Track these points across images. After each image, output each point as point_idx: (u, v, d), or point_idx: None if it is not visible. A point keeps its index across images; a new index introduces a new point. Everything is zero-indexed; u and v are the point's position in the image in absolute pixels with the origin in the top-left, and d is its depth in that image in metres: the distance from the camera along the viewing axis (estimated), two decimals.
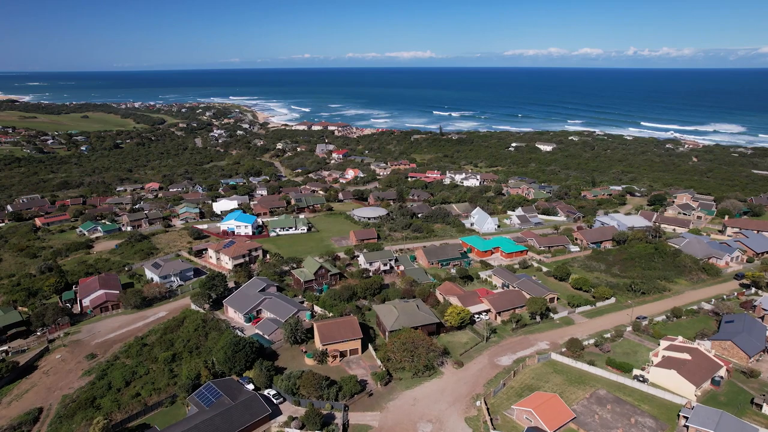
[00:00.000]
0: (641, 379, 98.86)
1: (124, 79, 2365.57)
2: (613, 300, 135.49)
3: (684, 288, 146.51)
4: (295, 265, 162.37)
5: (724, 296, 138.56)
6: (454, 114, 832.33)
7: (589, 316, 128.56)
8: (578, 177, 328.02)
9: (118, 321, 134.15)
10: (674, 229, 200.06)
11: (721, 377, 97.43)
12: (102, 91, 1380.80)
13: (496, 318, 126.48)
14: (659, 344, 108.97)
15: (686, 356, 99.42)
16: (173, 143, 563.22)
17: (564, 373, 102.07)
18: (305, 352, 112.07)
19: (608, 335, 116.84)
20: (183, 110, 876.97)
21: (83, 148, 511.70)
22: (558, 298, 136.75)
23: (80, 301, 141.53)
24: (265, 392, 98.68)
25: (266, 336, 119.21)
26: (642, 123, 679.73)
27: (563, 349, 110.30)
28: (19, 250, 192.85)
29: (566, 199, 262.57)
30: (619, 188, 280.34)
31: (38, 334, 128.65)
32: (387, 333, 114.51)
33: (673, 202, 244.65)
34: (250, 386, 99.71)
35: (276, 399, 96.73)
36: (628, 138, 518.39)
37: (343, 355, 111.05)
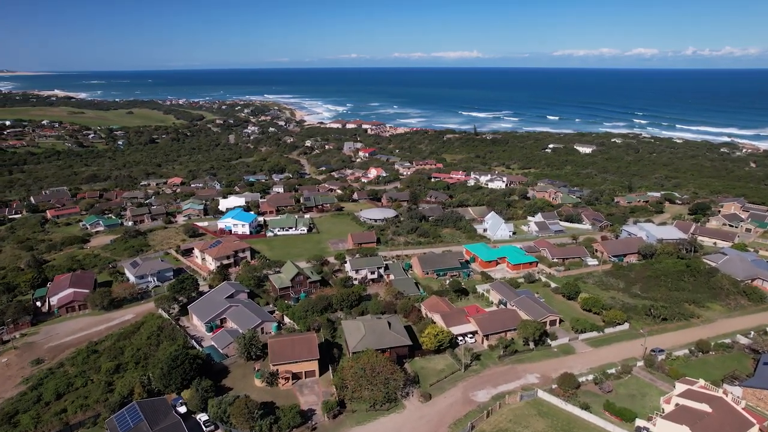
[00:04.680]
0: None
1: (176, 77, 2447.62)
2: (626, 326, 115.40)
3: (717, 315, 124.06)
4: (279, 269, 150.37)
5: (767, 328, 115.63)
6: (493, 114, 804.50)
7: (595, 345, 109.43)
8: (615, 181, 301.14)
9: (81, 323, 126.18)
10: (715, 243, 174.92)
11: None
12: (152, 89, 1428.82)
13: (483, 341, 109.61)
14: (675, 386, 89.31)
15: (706, 408, 79.74)
16: (207, 139, 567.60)
17: (549, 417, 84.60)
18: (257, 370, 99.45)
19: (613, 371, 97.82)
20: (223, 107, 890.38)
21: (120, 142, 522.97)
22: (561, 321, 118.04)
23: (49, 299, 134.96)
24: (198, 417, 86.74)
25: (221, 349, 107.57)
26: (695, 126, 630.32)
27: (554, 386, 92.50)
28: (19, 242, 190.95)
29: (596, 204, 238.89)
30: (658, 194, 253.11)
31: None
32: (351, 354, 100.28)
33: (719, 211, 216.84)
34: (183, 408, 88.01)
35: (207, 426, 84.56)
36: (678, 141, 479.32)
37: (297, 377, 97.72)
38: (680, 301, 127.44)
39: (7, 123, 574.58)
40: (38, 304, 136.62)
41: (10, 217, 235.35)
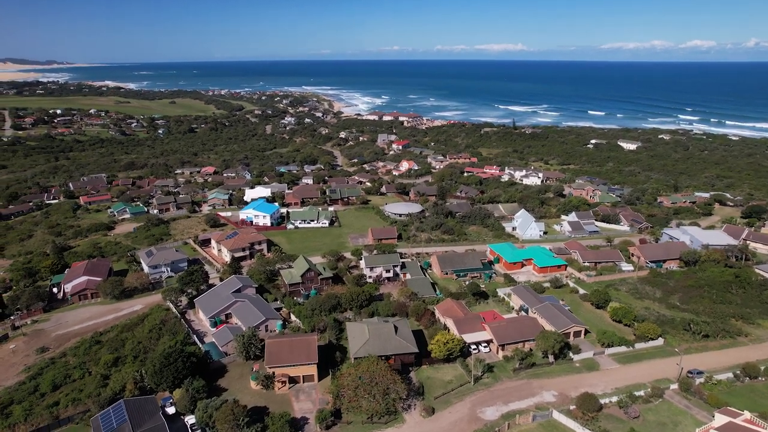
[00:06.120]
0: None
1: (220, 68, 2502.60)
2: (660, 342, 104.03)
3: None
4: (291, 264, 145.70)
5: None
6: (532, 108, 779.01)
7: (623, 362, 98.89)
8: (660, 180, 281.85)
9: (90, 311, 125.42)
10: None
11: None
12: (196, 79, 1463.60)
13: (498, 351, 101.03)
14: (714, 417, 78.46)
15: None
16: (244, 129, 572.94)
17: None
18: (254, 371, 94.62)
19: (642, 393, 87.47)
20: (263, 98, 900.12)
21: (160, 131, 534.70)
22: (587, 332, 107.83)
23: (64, 286, 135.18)
24: (186, 419, 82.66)
25: (221, 347, 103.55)
26: (751, 123, 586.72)
27: (572, 407, 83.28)
28: (49, 227, 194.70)
29: (637, 204, 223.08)
30: (707, 195, 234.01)
31: (12, 318, 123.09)
32: (353, 359, 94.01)
33: None
34: (172, 409, 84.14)
35: (193, 429, 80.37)
36: (734, 138, 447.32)
37: (295, 381, 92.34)
38: (726, 315, 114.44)
39: (58, 111, 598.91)
40: (55, 290, 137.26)
41: (47, 202, 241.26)
